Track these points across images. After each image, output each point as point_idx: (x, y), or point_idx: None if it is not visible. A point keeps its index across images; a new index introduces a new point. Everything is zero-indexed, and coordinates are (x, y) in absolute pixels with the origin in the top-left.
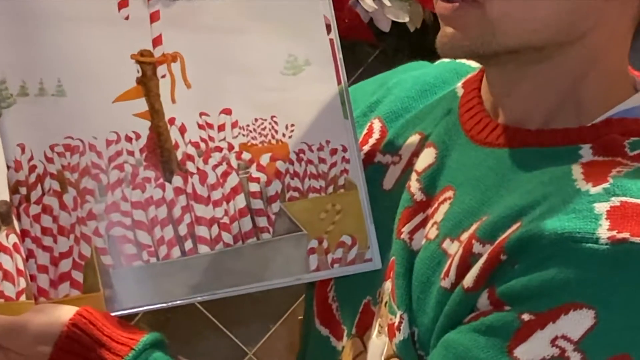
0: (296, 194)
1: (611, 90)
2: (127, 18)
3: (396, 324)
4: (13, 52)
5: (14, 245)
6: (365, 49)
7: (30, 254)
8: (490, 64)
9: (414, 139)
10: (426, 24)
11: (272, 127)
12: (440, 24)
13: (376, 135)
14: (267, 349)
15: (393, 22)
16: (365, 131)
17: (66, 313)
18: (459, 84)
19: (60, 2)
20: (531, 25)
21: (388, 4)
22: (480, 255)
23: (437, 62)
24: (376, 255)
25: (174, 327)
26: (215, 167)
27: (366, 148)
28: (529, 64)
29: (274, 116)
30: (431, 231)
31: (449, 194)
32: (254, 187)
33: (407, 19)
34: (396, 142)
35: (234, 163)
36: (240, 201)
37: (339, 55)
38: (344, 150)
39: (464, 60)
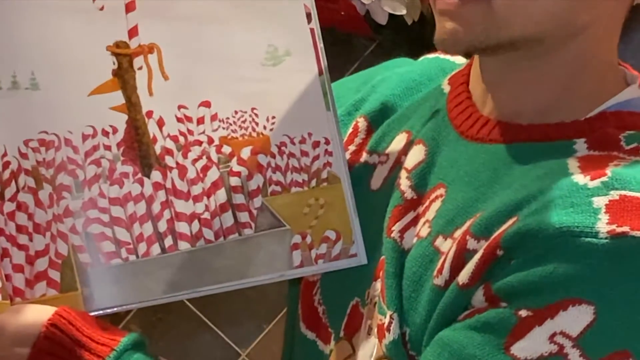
0: (278, 188)
1: (604, 83)
2: (101, 9)
3: (386, 324)
4: None
5: None
6: (361, 42)
7: (4, 253)
8: (486, 55)
9: (401, 137)
10: (424, 17)
11: (253, 119)
12: (439, 19)
13: (362, 134)
14: (261, 349)
15: (390, 14)
16: (350, 130)
17: (44, 313)
18: (445, 81)
19: None
20: (535, 18)
21: None
22: (475, 251)
23: (421, 58)
24: (361, 250)
25: (166, 328)
26: (195, 161)
27: (352, 147)
28: (526, 56)
29: (255, 108)
30: (423, 229)
31: (441, 191)
32: (235, 181)
33: (404, 12)
34: (383, 141)
35: (214, 157)
36: (221, 196)
37: (320, 45)
38: (327, 142)
39: (448, 56)
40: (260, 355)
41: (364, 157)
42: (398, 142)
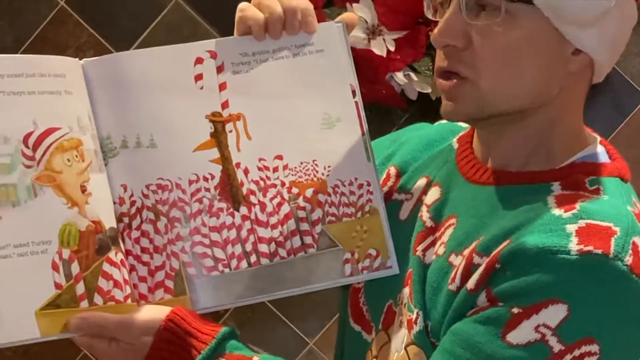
0: (333, 219)
1: (572, 141)
2: (201, 88)
3: (413, 319)
4: (116, 115)
5: (121, 261)
6: (398, 112)
7: (132, 268)
8: (480, 126)
9: (422, 181)
10: None
11: (314, 168)
12: (442, 96)
13: (393, 179)
14: (324, 340)
15: (419, 92)
16: (384, 176)
17: (163, 312)
18: (454, 140)
19: (151, 75)
20: (514, 96)
21: (415, 78)
22: (479, 265)
23: (437, 123)
24: (395, 264)
25: (252, 323)
26: (271, 199)
27: (385, 189)
28: (510, 123)
29: (315, 160)
30: (440, 249)
31: (453, 221)
32: (301, 213)
33: (429, 90)
34: (408, 183)
35: (286, 196)
36: (291, 225)
37: (362, 114)
38: (368, 184)
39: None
40: (323, 345)
41: (394, 195)
42: (420, 184)
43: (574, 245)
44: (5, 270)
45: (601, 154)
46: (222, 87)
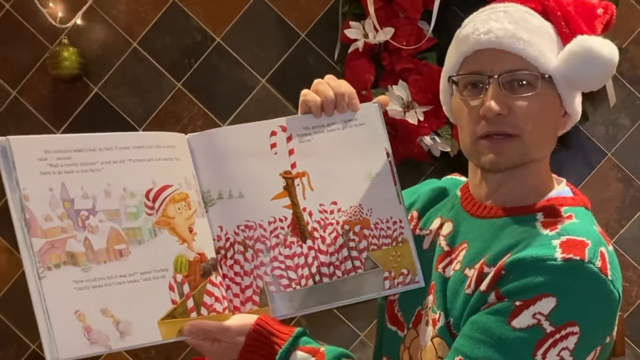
0: (375, 247)
1: (548, 182)
2: (276, 153)
3: (437, 318)
4: (213, 175)
5: (220, 282)
6: (426, 166)
7: (228, 287)
8: (503, 172)
9: (437, 220)
10: (460, 152)
11: (360, 210)
12: (481, 150)
13: (415, 220)
14: (372, 333)
15: (441, 151)
16: (409, 219)
17: (251, 318)
18: (457, 190)
19: (238, 144)
20: (545, 146)
21: (438, 140)
22: (488, 273)
23: (444, 177)
24: (421, 279)
25: (319, 322)
26: (329, 234)
27: (410, 226)
28: (521, 171)
29: (361, 204)
30: (456, 265)
31: (465, 245)
32: (352, 244)
33: (449, 149)
34: (427, 223)
35: (340, 231)
36: (344, 252)
37: (394, 170)
38: (400, 221)
39: (457, 176)
40: (371, 336)
41: (417, 232)
42: (436, 223)
43: (558, 254)
44: (134, 291)
45: (567, 190)
46: (291, 152)
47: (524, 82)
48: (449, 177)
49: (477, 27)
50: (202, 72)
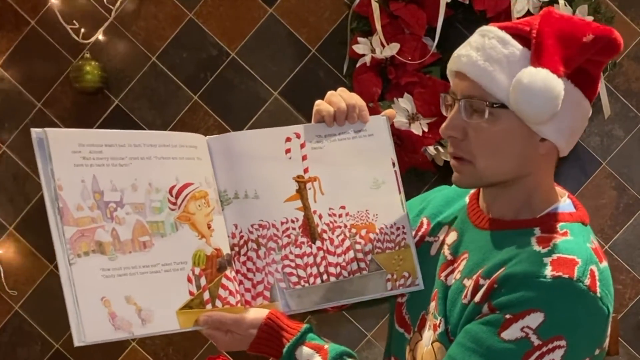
0: (379, 250)
1: (547, 197)
2: (290, 158)
3: (437, 324)
4: (230, 176)
5: (234, 277)
6: (430, 174)
7: (241, 282)
8: (483, 189)
9: (445, 228)
10: None
11: (367, 215)
12: (452, 167)
13: (425, 226)
14: (378, 333)
15: (444, 160)
16: (418, 224)
17: (263, 313)
18: (467, 197)
19: (254, 148)
20: (501, 172)
21: (442, 150)
22: (483, 285)
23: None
24: (421, 282)
25: (328, 321)
26: (338, 236)
27: (419, 234)
28: (503, 188)
29: (367, 209)
30: (457, 275)
31: (465, 255)
32: (358, 247)
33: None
34: (435, 230)
35: (347, 234)
36: (351, 254)
37: (399, 179)
38: (403, 227)
39: None
40: (378, 337)
41: (426, 238)
42: (443, 231)
43: (548, 272)
44: (156, 281)
45: (568, 205)
46: (304, 158)
47: (476, 109)
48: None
49: (459, 48)
50: (218, 85)
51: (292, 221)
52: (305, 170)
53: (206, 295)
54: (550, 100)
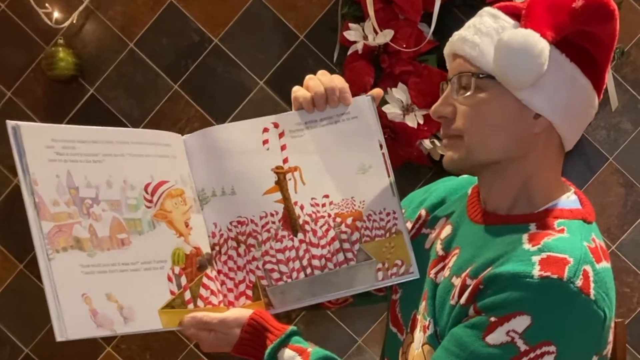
0: (368, 239)
1: (549, 191)
2: (268, 149)
3: (427, 325)
4: (207, 173)
5: (215, 276)
6: (425, 169)
7: (222, 282)
8: (474, 174)
9: (442, 220)
10: None
11: (352, 202)
12: (445, 151)
13: (423, 217)
14: (369, 338)
15: (440, 154)
16: (417, 216)
17: (246, 312)
18: (470, 188)
19: (231, 142)
20: (490, 149)
21: (438, 144)
22: (469, 285)
23: (460, 176)
24: (415, 269)
25: (316, 325)
26: (321, 227)
27: (417, 226)
28: (496, 172)
29: (353, 197)
30: (446, 272)
31: (457, 251)
32: (344, 236)
33: None
34: (433, 222)
35: (332, 224)
36: (336, 244)
37: (388, 162)
38: (394, 213)
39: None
40: (369, 342)
41: (423, 230)
42: (440, 224)
43: (536, 272)
44: (136, 279)
45: (572, 201)
46: (283, 147)
47: (464, 84)
48: (465, 175)
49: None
50: (200, 73)
51: (272, 214)
52: (285, 161)
53: (187, 295)
54: (531, 57)
